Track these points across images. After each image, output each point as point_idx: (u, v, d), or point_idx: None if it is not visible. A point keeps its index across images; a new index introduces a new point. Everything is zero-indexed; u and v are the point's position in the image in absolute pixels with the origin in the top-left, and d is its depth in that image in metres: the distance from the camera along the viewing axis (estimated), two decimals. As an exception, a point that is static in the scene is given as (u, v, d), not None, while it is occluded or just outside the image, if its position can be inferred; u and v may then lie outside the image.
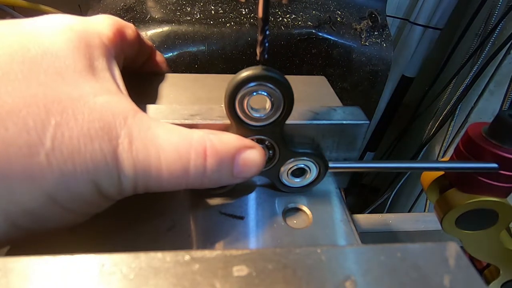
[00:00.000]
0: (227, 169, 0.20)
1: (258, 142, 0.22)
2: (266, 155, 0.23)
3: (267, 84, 0.19)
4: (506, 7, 0.67)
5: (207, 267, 0.14)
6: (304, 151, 0.23)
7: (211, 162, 0.19)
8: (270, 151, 0.23)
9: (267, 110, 0.20)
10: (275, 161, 0.23)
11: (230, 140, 0.20)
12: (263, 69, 0.19)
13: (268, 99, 0.20)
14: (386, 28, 0.47)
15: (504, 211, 0.25)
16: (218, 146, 0.19)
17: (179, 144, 0.18)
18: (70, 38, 0.18)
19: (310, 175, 0.24)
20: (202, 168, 0.18)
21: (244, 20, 0.42)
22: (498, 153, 0.22)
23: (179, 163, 0.18)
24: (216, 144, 0.19)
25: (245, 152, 0.20)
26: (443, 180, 0.27)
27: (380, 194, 1.03)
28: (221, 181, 0.20)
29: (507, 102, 0.69)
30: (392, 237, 0.41)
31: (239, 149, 0.20)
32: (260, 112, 0.20)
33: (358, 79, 0.47)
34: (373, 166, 0.24)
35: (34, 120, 0.15)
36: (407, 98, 0.94)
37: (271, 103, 0.20)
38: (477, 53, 0.74)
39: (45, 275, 0.13)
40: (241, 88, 0.19)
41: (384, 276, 0.14)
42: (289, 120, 0.21)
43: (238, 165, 0.20)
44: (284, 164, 0.23)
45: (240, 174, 0.20)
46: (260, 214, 0.23)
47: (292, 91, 0.20)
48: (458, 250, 0.15)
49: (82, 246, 0.20)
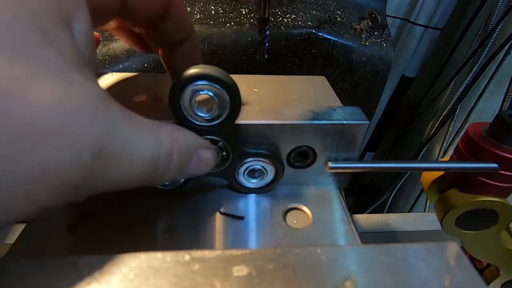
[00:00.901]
0: (184, 167, 0.19)
1: (211, 143, 0.22)
2: (219, 156, 0.23)
3: (212, 84, 0.19)
4: (506, 7, 0.67)
5: (207, 267, 0.14)
6: (258, 152, 0.23)
7: (176, 161, 0.18)
8: (224, 152, 0.23)
9: (213, 111, 0.20)
10: (229, 162, 0.23)
11: (191, 138, 0.19)
12: (209, 68, 0.19)
13: (214, 100, 0.20)
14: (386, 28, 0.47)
15: (504, 211, 0.25)
16: (182, 145, 0.18)
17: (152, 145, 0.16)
18: None
19: (267, 176, 0.24)
20: (167, 167, 0.17)
21: (244, 20, 0.42)
22: (498, 153, 0.22)
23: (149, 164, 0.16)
24: (182, 142, 0.18)
25: (200, 151, 0.20)
26: (443, 180, 0.27)
27: (380, 194, 1.03)
28: (176, 177, 0.19)
29: (507, 102, 0.69)
30: (392, 237, 0.41)
31: (197, 148, 0.20)
32: (206, 112, 0.20)
33: (358, 79, 0.47)
34: (373, 166, 0.24)
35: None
36: (407, 98, 0.94)
37: (217, 103, 0.20)
38: (477, 53, 0.74)
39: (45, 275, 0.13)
40: (186, 85, 0.19)
41: (384, 276, 0.14)
42: (289, 120, 0.21)
43: (192, 163, 0.19)
44: (239, 165, 0.23)
45: (192, 171, 0.20)
46: (260, 214, 0.23)
47: (238, 91, 0.20)
48: (458, 250, 0.15)
49: (82, 246, 0.20)
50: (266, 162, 0.24)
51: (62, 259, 0.14)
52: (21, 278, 0.13)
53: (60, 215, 0.22)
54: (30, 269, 0.13)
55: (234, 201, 0.24)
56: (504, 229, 0.26)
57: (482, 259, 0.28)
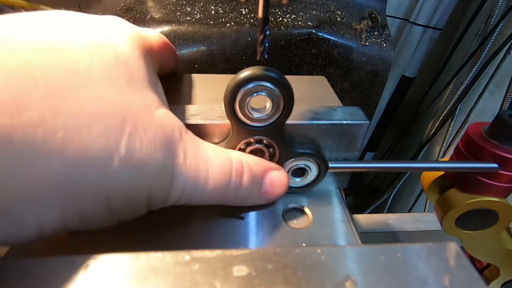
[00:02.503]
0: (257, 188, 0.21)
1: (259, 142, 0.22)
2: (267, 156, 0.23)
3: (267, 84, 0.19)
4: (506, 7, 0.67)
5: (207, 267, 0.14)
6: (304, 151, 0.23)
7: (246, 179, 0.20)
8: (270, 149, 0.23)
9: (267, 111, 0.20)
10: (275, 161, 0.23)
11: (260, 161, 0.22)
12: (263, 69, 0.19)
13: (268, 99, 0.20)
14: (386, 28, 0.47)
15: (504, 211, 0.24)
16: (252, 165, 0.21)
17: (223, 161, 0.19)
18: (135, 46, 0.19)
19: (310, 175, 0.24)
20: (239, 184, 0.20)
21: (244, 20, 0.42)
22: (498, 153, 0.22)
23: (223, 179, 0.19)
24: (250, 163, 0.21)
25: (272, 173, 0.22)
26: (443, 180, 0.27)
27: (380, 194, 1.03)
28: (250, 199, 0.22)
29: (507, 102, 0.69)
30: (392, 237, 0.41)
31: (267, 170, 0.22)
32: (260, 113, 0.20)
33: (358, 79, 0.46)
34: (373, 166, 0.24)
35: (113, 126, 0.15)
36: (407, 98, 0.94)
37: (271, 103, 0.20)
38: (477, 53, 0.74)
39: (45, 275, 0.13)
40: (241, 88, 0.19)
41: (384, 276, 0.14)
42: (289, 120, 0.21)
43: (265, 184, 0.22)
44: (284, 164, 0.23)
45: (266, 194, 0.22)
46: (260, 214, 0.23)
47: (292, 91, 0.20)
48: (458, 250, 0.15)
49: (82, 246, 0.20)
50: (310, 161, 0.24)
51: (62, 259, 0.14)
52: (21, 278, 0.13)
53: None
54: (30, 269, 0.13)
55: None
56: (504, 229, 0.26)
57: (482, 259, 0.28)
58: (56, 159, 0.14)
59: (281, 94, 0.19)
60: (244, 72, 0.19)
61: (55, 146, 0.14)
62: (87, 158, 0.14)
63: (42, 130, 0.13)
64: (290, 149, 0.23)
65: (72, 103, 0.14)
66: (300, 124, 0.23)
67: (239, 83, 0.19)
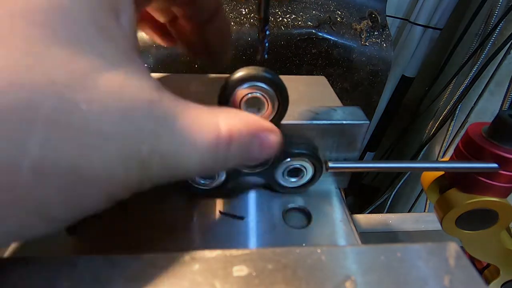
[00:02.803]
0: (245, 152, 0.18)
1: None
2: None
3: (261, 85, 0.19)
4: (506, 7, 0.67)
5: (207, 267, 0.14)
6: (300, 152, 0.23)
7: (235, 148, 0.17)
8: None
9: (262, 111, 0.20)
10: (270, 161, 0.23)
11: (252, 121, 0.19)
12: (258, 69, 0.19)
13: (263, 100, 0.20)
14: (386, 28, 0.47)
15: (504, 211, 0.24)
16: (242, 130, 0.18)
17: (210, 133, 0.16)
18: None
19: (306, 176, 0.24)
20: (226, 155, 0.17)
21: (244, 20, 0.42)
22: (498, 153, 0.22)
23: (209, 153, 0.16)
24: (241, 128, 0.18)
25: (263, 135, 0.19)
26: (443, 180, 0.27)
27: (380, 194, 1.03)
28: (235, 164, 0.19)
29: (507, 102, 0.69)
30: (392, 237, 0.41)
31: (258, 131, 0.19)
32: (255, 113, 0.20)
33: (358, 79, 0.47)
34: (373, 166, 0.24)
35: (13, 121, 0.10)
36: (407, 98, 0.94)
37: (266, 103, 0.20)
38: (477, 53, 0.74)
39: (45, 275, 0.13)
40: (236, 88, 0.19)
41: (384, 276, 0.14)
42: (289, 120, 0.21)
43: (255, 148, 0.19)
44: (280, 164, 0.23)
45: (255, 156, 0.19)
46: (260, 214, 0.23)
47: (287, 91, 0.20)
48: (458, 250, 0.15)
49: (82, 246, 0.20)
50: (306, 161, 0.24)
51: (62, 259, 0.14)
52: (21, 278, 0.13)
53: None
54: (30, 269, 0.13)
55: (234, 201, 0.24)
56: (504, 229, 0.26)
57: (482, 259, 0.28)
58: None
59: (276, 94, 0.19)
60: (239, 72, 0.19)
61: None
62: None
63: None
64: (286, 149, 0.23)
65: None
66: (300, 124, 0.23)
67: (234, 83, 0.19)
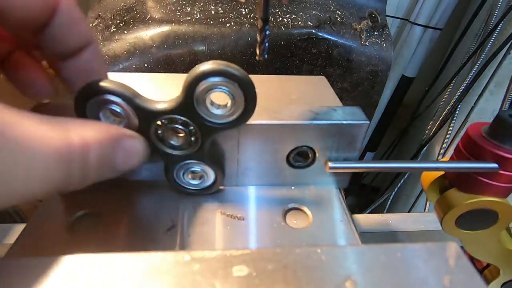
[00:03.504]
0: (108, 162, 0.17)
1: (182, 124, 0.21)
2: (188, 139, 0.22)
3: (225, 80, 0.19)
4: (506, 7, 0.67)
5: (207, 267, 0.14)
6: None
7: (94, 157, 0.16)
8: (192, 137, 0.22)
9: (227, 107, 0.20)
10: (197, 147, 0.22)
11: (108, 130, 0.17)
12: (220, 63, 0.18)
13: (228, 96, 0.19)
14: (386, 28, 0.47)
15: (504, 211, 0.24)
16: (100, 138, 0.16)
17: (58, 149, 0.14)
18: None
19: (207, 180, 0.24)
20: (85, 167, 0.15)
21: (244, 20, 0.42)
22: (498, 153, 0.22)
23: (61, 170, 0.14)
24: (98, 136, 0.16)
25: (123, 142, 0.18)
26: (443, 180, 0.27)
27: (380, 194, 1.03)
28: (103, 175, 0.17)
29: (507, 102, 0.69)
30: (392, 237, 0.41)
31: (119, 138, 0.18)
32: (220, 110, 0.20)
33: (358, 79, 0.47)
34: (373, 166, 0.24)
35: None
36: (407, 98, 0.94)
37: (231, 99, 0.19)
38: (477, 53, 0.74)
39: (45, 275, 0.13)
40: (199, 82, 0.19)
41: (384, 276, 0.14)
42: (289, 120, 0.21)
43: (118, 157, 0.18)
44: None
45: (120, 166, 0.18)
46: (260, 214, 0.23)
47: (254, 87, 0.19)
48: (458, 250, 0.15)
49: (82, 246, 0.20)
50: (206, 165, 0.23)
51: (62, 259, 0.14)
52: (21, 278, 0.13)
53: (60, 215, 0.22)
54: (30, 269, 0.13)
55: (234, 201, 0.24)
56: (504, 229, 0.26)
57: (482, 259, 0.28)
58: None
59: (242, 91, 0.19)
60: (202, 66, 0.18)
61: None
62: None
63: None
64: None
65: None
66: (300, 124, 0.23)
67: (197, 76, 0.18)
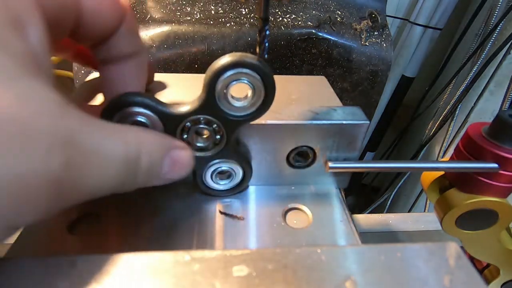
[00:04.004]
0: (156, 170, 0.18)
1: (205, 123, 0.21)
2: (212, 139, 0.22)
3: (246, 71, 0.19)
4: (506, 7, 0.67)
5: (207, 267, 0.14)
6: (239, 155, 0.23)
7: (145, 164, 0.17)
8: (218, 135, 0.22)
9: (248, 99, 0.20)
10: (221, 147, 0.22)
11: (161, 139, 0.19)
12: (242, 55, 0.18)
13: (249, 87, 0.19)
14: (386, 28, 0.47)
15: (504, 211, 0.24)
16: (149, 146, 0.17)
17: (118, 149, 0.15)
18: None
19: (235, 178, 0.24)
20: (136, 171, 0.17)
21: (244, 20, 0.42)
22: (498, 153, 0.22)
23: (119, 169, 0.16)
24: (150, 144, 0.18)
25: (174, 152, 0.19)
26: (443, 180, 0.27)
27: (380, 194, 1.03)
28: (149, 183, 0.18)
29: (507, 102, 0.69)
30: (392, 237, 0.41)
31: (169, 148, 0.19)
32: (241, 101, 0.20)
33: (358, 79, 0.47)
34: (373, 166, 0.24)
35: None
36: (407, 98, 0.94)
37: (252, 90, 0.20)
38: (477, 53, 0.74)
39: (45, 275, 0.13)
40: (220, 75, 0.19)
41: (384, 276, 0.14)
42: (289, 120, 0.21)
43: (166, 165, 0.19)
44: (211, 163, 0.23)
45: (167, 176, 0.19)
46: (260, 214, 0.23)
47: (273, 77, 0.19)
48: (458, 250, 0.15)
49: (82, 246, 0.20)
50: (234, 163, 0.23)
51: (62, 259, 0.14)
52: (21, 278, 0.13)
53: (60, 215, 0.22)
54: (30, 269, 0.13)
55: (234, 201, 0.24)
56: (504, 229, 0.26)
57: (482, 259, 0.28)
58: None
59: (262, 81, 0.19)
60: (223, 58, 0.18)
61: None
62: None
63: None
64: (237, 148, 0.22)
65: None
66: (300, 124, 0.23)
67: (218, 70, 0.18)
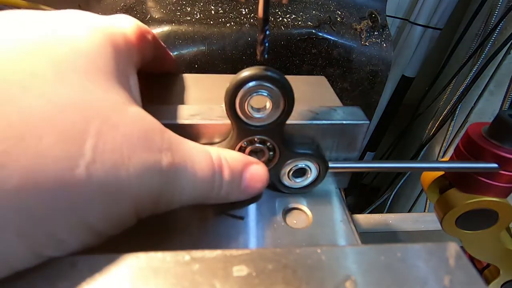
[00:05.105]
0: (238, 183, 0.21)
1: (260, 143, 0.22)
2: (267, 156, 0.23)
3: (266, 84, 0.19)
4: (506, 7, 0.67)
5: (207, 267, 0.14)
6: (305, 152, 0.23)
7: (227, 174, 0.19)
8: (271, 152, 0.23)
9: (267, 110, 0.20)
10: (275, 162, 0.23)
11: (239, 156, 0.21)
12: (263, 69, 0.19)
13: (268, 99, 0.20)
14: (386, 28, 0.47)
15: (504, 211, 0.24)
16: (230, 160, 0.20)
17: (206, 158, 0.19)
18: (98, 38, 0.17)
19: (310, 176, 0.24)
20: (221, 180, 0.19)
21: (244, 20, 0.42)
22: (498, 153, 0.22)
23: (209, 175, 0.18)
24: (229, 158, 0.20)
25: (251, 167, 0.21)
26: (443, 180, 0.27)
27: (380, 194, 1.03)
28: (232, 195, 0.21)
29: (507, 102, 0.69)
30: (392, 237, 0.41)
31: (247, 164, 0.21)
32: (261, 112, 0.20)
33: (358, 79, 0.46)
34: (373, 166, 0.24)
35: (71, 128, 0.13)
36: (407, 98, 0.94)
37: (271, 103, 0.20)
38: (477, 53, 0.74)
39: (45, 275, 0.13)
40: (241, 87, 0.19)
41: (384, 276, 0.14)
42: (289, 120, 0.21)
43: (245, 179, 0.21)
44: (285, 164, 0.23)
45: (247, 189, 0.21)
46: (260, 214, 0.23)
47: (292, 90, 0.20)
48: (458, 250, 0.15)
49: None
50: (310, 162, 0.24)
51: (62, 259, 0.14)
52: (21, 278, 0.13)
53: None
54: (30, 269, 0.13)
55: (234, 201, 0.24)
56: (504, 229, 0.26)
57: (482, 259, 0.28)
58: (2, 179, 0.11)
59: (281, 94, 0.19)
60: (245, 71, 0.19)
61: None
62: (43, 170, 0.12)
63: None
64: (290, 149, 0.23)
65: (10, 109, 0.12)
66: (300, 124, 0.23)
67: (240, 82, 0.19)
